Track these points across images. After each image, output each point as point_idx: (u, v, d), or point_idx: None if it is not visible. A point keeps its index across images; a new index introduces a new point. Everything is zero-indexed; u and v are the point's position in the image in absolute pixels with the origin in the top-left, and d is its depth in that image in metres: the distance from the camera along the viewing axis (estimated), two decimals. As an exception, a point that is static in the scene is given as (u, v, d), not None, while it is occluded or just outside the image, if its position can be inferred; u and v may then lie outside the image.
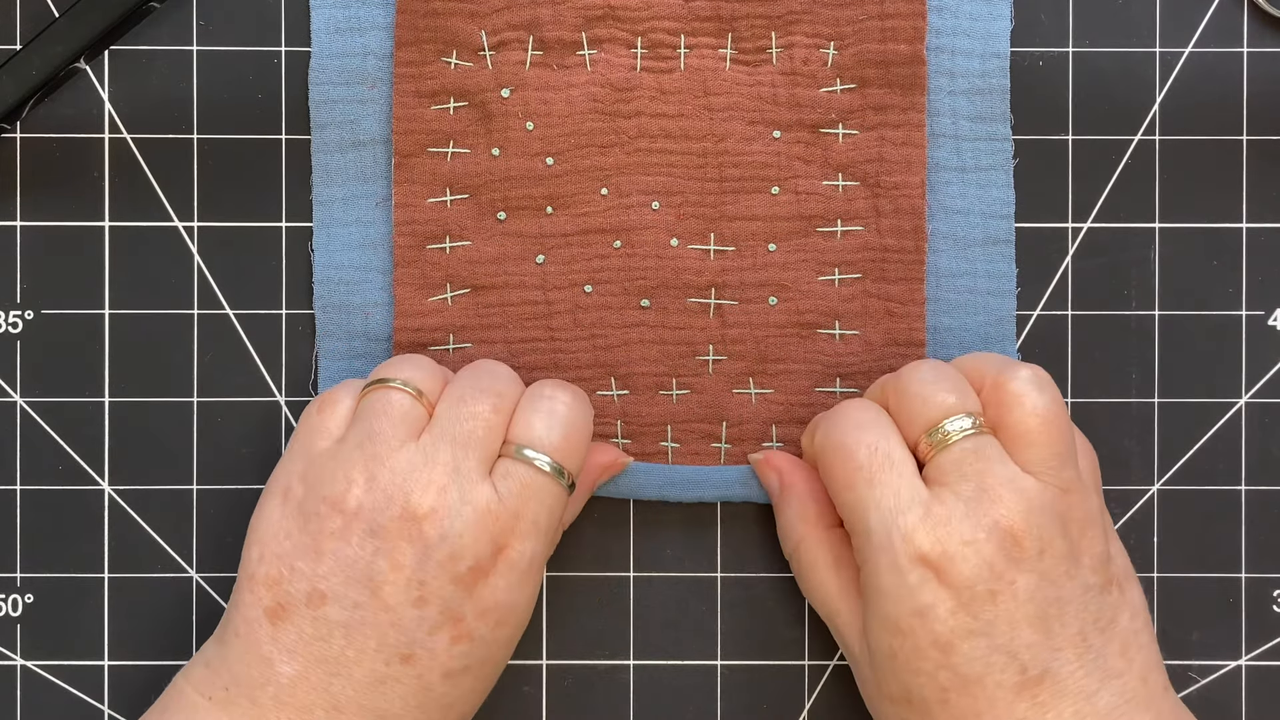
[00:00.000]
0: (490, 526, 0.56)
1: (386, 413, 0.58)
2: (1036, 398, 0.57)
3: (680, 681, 0.65)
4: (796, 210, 0.64)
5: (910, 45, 0.63)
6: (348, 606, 0.56)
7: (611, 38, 0.63)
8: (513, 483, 0.57)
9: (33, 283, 0.65)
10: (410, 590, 0.56)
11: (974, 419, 0.57)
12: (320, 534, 0.56)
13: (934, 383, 0.58)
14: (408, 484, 0.56)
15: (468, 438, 0.57)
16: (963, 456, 0.57)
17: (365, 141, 0.64)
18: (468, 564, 0.56)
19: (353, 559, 0.56)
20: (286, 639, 0.56)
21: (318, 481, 0.57)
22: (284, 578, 0.56)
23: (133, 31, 0.64)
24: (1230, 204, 0.65)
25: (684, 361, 0.64)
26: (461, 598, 0.56)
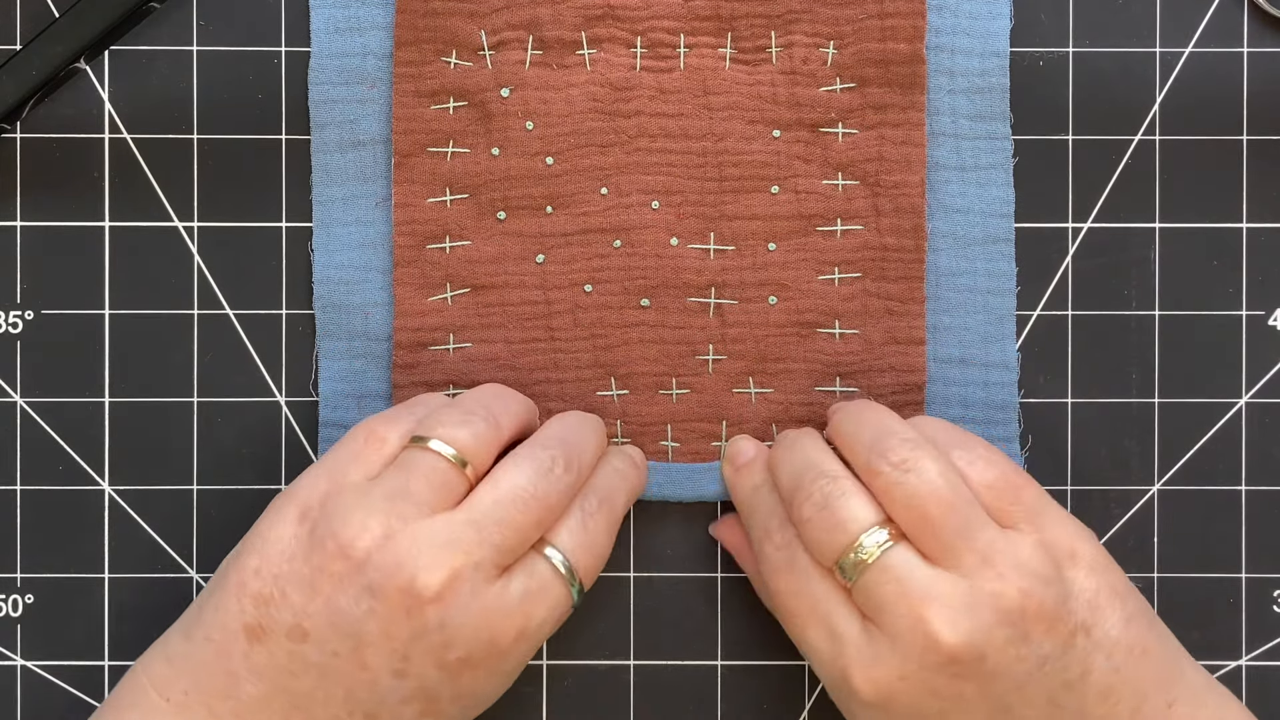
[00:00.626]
0: (494, 626, 0.55)
1: (427, 476, 0.56)
2: (914, 481, 0.55)
3: (680, 681, 0.65)
4: (796, 209, 0.64)
5: (910, 44, 0.63)
6: (326, 653, 0.55)
7: (611, 37, 0.63)
8: (532, 583, 0.56)
9: (33, 283, 0.65)
10: (393, 661, 0.55)
11: (877, 530, 0.56)
12: (321, 571, 0.55)
13: (823, 505, 0.56)
14: (422, 559, 0.55)
15: (500, 543, 0.56)
16: (874, 587, 0.55)
17: (365, 141, 0.64)
18: (458, 655, 0.55)
19: (344, 610, 0.55)
20: (258, 660, 0.55)
21: (335, 515, 0.56)
22: (273, 600, 0.55)
23: (133, 31, 0.64)
24: (1230, 204, 0.65)
25: (684, 361, 0.64)
26: (442, 681, 0.56)
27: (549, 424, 0.60)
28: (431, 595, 0.54)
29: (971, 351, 0.64)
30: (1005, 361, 0.64)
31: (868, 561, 0.55)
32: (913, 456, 0.56)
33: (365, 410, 0.65)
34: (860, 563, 0.55)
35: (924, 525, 0.55)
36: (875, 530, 0.56)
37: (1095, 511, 0.65)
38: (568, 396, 0.64)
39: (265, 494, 0.65)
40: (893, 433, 0.57)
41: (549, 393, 0.64)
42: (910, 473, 0.56)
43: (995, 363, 0.64)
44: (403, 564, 0.54)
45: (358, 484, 0.57)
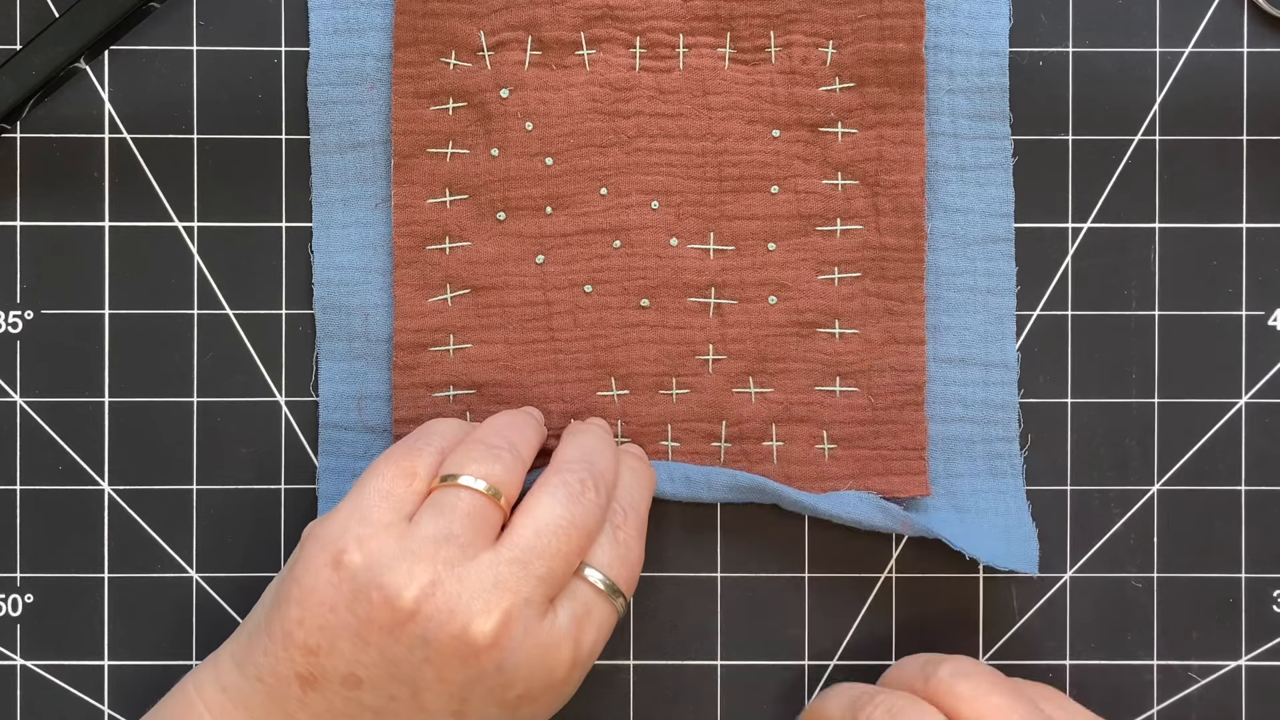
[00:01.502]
0: (549, 660, 0.56)
1: (468, 515, 0.56)
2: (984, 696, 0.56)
3: (680, 681, 0.65)
4: (796, 209, 0.64)
5: (909, 44, 0.63)
6: (384, 697, 0.55)
7: (610, 37, 0.63)
8: (578, 607, 0.57)
9: (33, 283, 0.65)
10: (452, 703, 0.55)
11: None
12: (369, 622, 0.55)
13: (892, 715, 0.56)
14: (473, 605, 0.54)
15: (546, 575, 0.56)
16: None
17: (364, 142, 0.64)
18: (518, 693, 0.56)
19: (399, 659, 0.55)
20: (315, 706, 0.56)
21: (377, 564, 0.55)
22: (322, 651, 0.55)
23: (133, 31, 0.64)
24: (1230, 204, 0.65)
25: (684, 361, 0.64)
26: (502, 716, 0.56)
27: (567, 445, 0.60)
28: (487, 642, 0.54)
29: (971, 351, 0.64)
30: (1005, 361, 0.64)
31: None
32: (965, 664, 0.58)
33: (365, 411, 0.65)
34: None
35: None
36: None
37: (1095, 511, 0.65)
38: (568, 397, 0.64)
39: (265, 494, 0.65)
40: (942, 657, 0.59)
41: (549, 394, 0.64)
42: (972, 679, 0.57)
43: (995, 362, 0.64)
44: (455, 611, 0.54)
45: (393, 525, 0.56)
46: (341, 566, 0.55)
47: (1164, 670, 0.65)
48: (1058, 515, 0.65)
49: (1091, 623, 0.65)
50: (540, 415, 0.63)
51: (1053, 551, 0.65)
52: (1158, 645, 0.65)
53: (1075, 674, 0.65)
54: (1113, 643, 0.65)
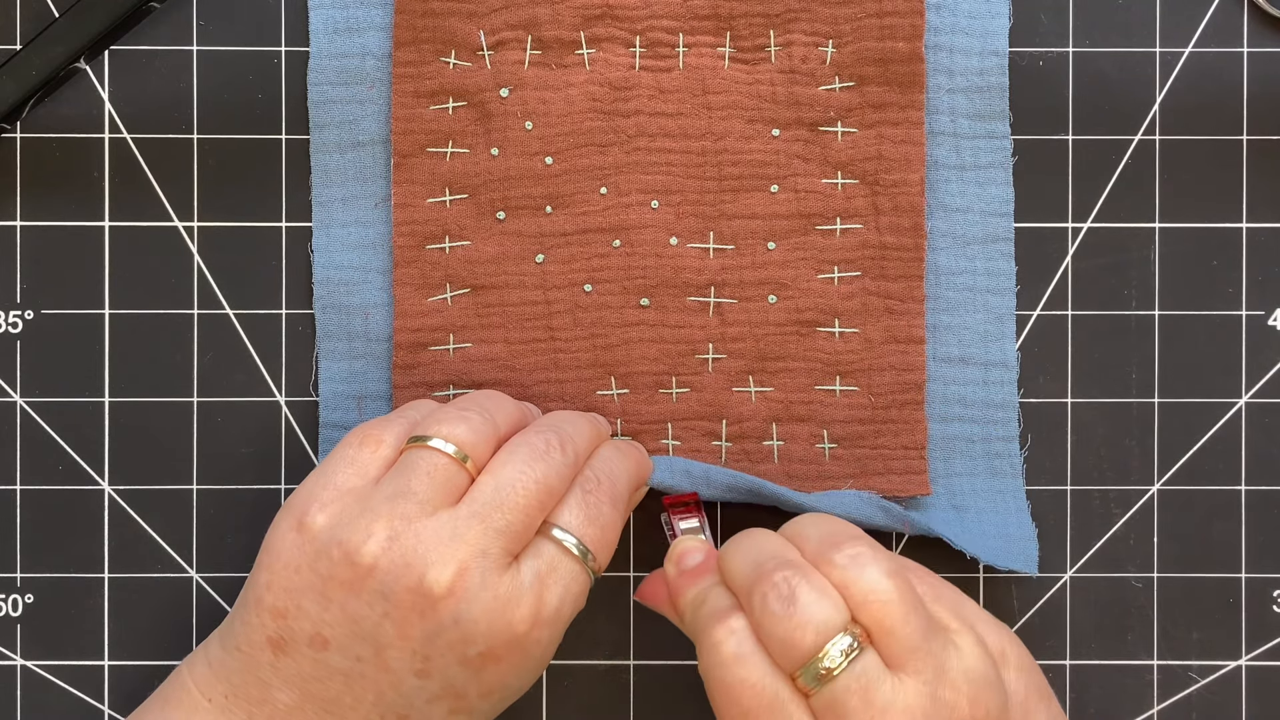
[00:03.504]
0: (508, 614, 0.55)
1: (428, 474, 0.56)
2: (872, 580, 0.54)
3: (680, 681, 0.65)
4: (796, 208, 0.64)
5: (909, 43, 0.63)
6: (350, 658, 0.55)
7: (610, 37, 0.63)
8: (541, 564, 0.56)
9: (33, 283, 0.65)
10: (414, 661, 0.55)
11: (844, 637, 0.53)
12: (330, 579, 0.55)
13: (790, 600, 0.54)
14: (429, 556, 0.54)
15: (504, 528, 0.56)
16: (840, 697, 0.53)
17: (364, 142, 0.64)
18: (479, 649, 0.55)
19: (360, 616, 0.55)
20: (286, 670, 0.56)
21: (337, 522, 0.56)
22: (289, 613, 0.56)
23: (133, 31, 0.64)
24: (1230, 204, 0.65)
25: (684, 360, 0.64)
26: (467, 678, 0.55)
27: (543, 417, 0.60)
28: (442, 591, 0.54)
29: (971, 350, 0.64)
30: (1005, 361, 0.64)
31: (834, 672, 0.53)
32: (865, 547, 0.55)
33: (366, 411, 0.65)
34: (826, 672, 0.53)
35: (884, 629, 0.53)
36: (842, 637, 0.53)
37: (1095, 511, 0.65)
38: (568, 396, 0.64)
39: (265, 494, 0.65)
40: (842, 529, 0.56)
41: (549, 393, 0.64)
42: (865, 569, 0.54)
43: (995, 362, 0.64)
44: (411, 564, 0.54)
45: (357, 488, 0.57)
46: (304, 528, 0.56)
47: (1164, 670, 0.65)
48: (1058, 515, 0.65)
49: (1091, 623, 0.65)
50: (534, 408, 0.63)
51: (1053, 551, 0.65)
52: (1158, 645, 0.65)
53: (1075, 674, 0.65)
54: (1113, 643, 0.65)
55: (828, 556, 0.55)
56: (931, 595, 0.56)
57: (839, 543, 0.55)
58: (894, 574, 0.54)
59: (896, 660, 0.53)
